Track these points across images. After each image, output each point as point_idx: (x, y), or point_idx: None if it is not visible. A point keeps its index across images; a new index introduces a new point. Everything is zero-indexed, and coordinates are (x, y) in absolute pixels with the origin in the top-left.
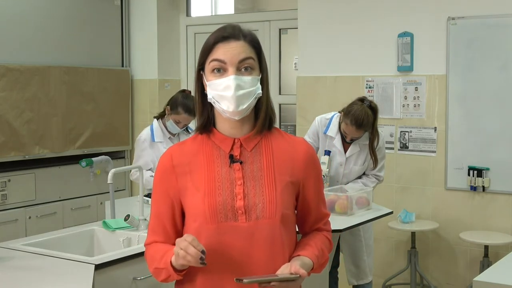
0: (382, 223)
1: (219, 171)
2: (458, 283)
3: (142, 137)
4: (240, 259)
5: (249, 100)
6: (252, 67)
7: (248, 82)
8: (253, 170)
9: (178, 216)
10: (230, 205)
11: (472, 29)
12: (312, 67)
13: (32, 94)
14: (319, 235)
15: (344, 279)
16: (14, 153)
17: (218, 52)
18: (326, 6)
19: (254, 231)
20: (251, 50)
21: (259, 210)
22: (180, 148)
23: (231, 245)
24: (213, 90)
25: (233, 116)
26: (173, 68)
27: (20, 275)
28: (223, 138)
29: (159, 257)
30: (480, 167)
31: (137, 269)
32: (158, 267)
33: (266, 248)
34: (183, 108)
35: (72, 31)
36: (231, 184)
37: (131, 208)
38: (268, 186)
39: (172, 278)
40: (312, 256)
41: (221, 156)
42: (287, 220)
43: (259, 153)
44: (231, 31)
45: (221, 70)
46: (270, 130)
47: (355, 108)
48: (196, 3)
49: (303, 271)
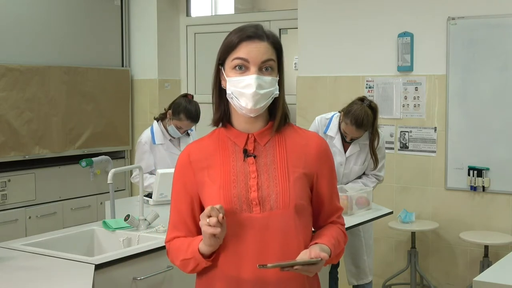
0: (382, 223)
1: (234, 165)
2: (458, 283)
3: (143, 140)
4: (256, 249)
5: (266, 99)
6: (272, 68)
7: (268, 82)
8: (267, 163)
9: (197, 210)
10: (244, 197)
11: (472, 29)
12: (312, 67)
13: (32, 94)
14: (333, 227)
15: (344, 279)
16: (14, 153)
17: (242, 50)
18: (326, 6)
19: (268, 221)
20: (273, 51)
21: (273, 200)
22: (197, 144)
23: (247, 235)
24: (233, 86)
25: (249, 113)
26: (173, 68)
27: (20, 275)
28: (238, 134)
29: (185, 248)
30: (480, 167)
31: (137, 269)
32: (186, 257)
33: (280, 238)
34: (186, 115)
35: (72, 31)
36: (245, 177)
37: (131, 208)
38: (281, 178)
39: (201, 266)
40: (329, 244)
41: (236, 151)
42: (301, 210)
43: (273, 147)
44: (255, 31)
45: (242, 68)
46: (284, 125)
47: (355, 108)
48: (196, 3)
49: (324, 254)
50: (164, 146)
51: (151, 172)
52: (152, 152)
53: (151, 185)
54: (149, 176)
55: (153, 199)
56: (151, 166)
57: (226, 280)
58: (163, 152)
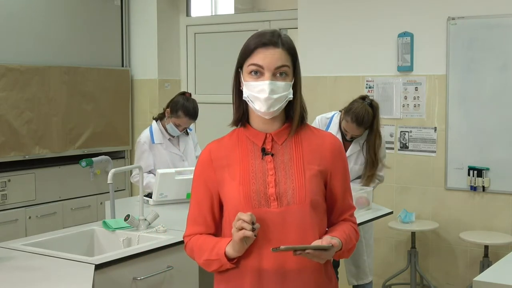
0: (382, 223)
1: (252, 163)
2: (458, 283)
3: (142, 140)
4: (275, 241)
5: (280, 103)
6: (286, 74)
7: (281, 87)
8: (284, 161)
9: (216, 207)
10: (263, 193)
11: (472, 29)
12: (312, 67)
13: (32, 94)
14: (346, 224)
15: (344, 279)
16: (14, 153)
17: (257, 57)
18: (326, 6)
19: (285, 215)
20: (287, 57)
21: (290, 196)
22: (218, 144)
23: (266, 229)
24: (249, 90)
25: (265, 116)
26: (173, 68)
27: (20, 275)
28: (256, 133)
29: (209, 249)
30: (480, 167)
31: (137, 269)
32: (210, 258)
33: (298, 231)
34: (184, 112)
35: (72, 31)
36: (263, 174)
37: (131, 208)
38: (297, 174)
39: (224, 267)
40: (341, 237)
41: (255, 150)
42: (317, 206)
43: (289, 146)
44: (271, 38)
45: (258, 73)
46: (301, 126)
47: (356, 106)
48: (196, 3)
49: (335, 241)
50: (163, 146)
51: (150, 172)
52: (151, 151)
53: (149, 184)
54: (147, 175)
55: (153, 199)
56: (151, 165)
57: (249, 271)
58: (162, 151)
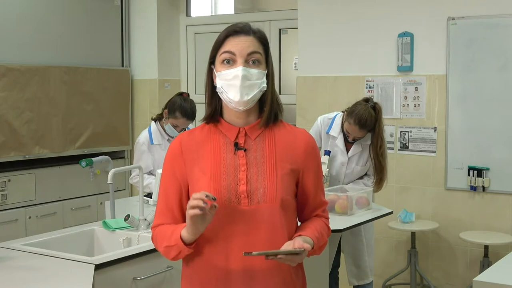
0: (382, 223)
1: (224, 158)
2: (458, 283)
3: (141, 141)
4: (243, 240)
5: (254, 91)
6: (259, 61)
7: (255, 75)
8: (256, 158)
9: (185, 199)
10: (233, 189)
11: (472, 29)
12: (312, 67)
13: (32, 94)
14: (317, 220)
15: (345, 279)
16: (14, 153)
17: (228, 44)
18: (326, 6)
19: (255, 214)
20: (259, 45)
21: (260, 194)
22: (189, 135)
23: (235, 227)
24: (222, 80)
25: (238, 106)
26: (173, 68)
27: (20, 275)
28: (229, 127)
29: (168, 235)
30: (480, 167)
31: (137, 269)
32: (169, 244)
33: (267, 230)
34: (181, 112)
35: (72, 31)
36: (235, 170)
37: (131, 208)
38: (269, 173)
39: (183, 253)
40: (313, 236)
41: (227, 144)
42: (287, 205)
43: (262, 142)
44: (242, 26)
45: (230, 62)
46: (275, 122)
47: (359, 108)
48: (196, 3)
49: (307, 245)
50: (162, 146)
51: (150, 173)
52: (150, 152)
53: (149, 185)
54: (147, 176)
55: (153, 199)
56: (150, 166)
57: (214, 269)
58: (161, 152)
